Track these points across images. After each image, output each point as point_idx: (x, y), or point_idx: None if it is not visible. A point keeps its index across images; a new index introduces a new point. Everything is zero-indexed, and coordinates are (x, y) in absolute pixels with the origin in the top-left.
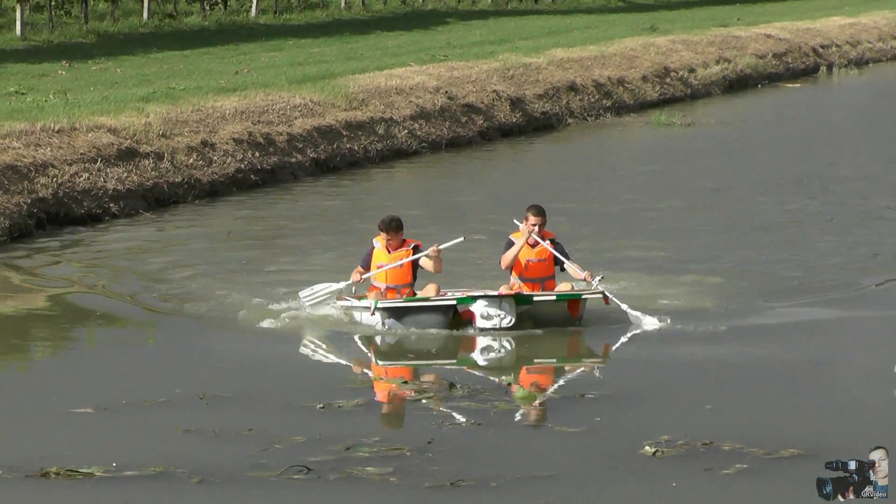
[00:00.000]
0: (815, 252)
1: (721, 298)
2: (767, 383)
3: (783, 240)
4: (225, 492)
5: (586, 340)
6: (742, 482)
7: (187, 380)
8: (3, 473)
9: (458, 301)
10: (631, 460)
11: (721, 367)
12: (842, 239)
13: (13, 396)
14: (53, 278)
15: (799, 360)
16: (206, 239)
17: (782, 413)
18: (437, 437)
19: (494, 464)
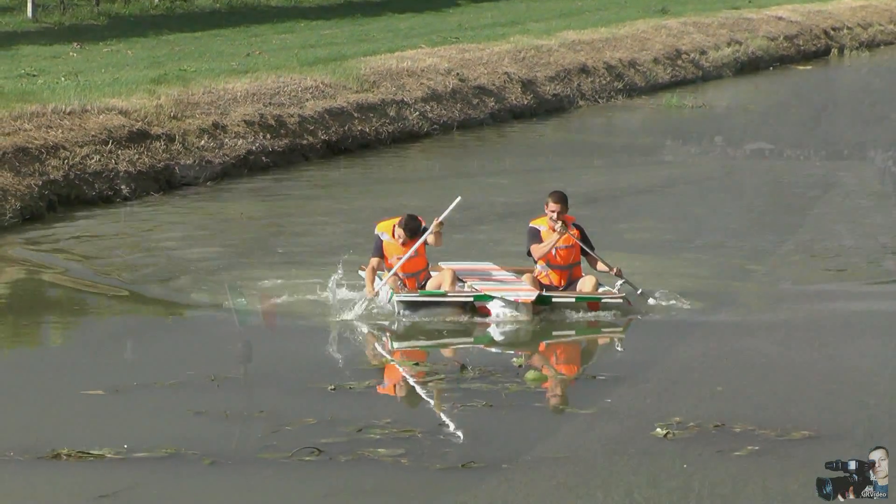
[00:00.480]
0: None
1: (730, 281)
2: (780, 366)
3: (796, 224)
4: (236, 473)
5: (598, 323)
6: (754, 464)
7: (199, 362)
8: (14, 455)
9: (475, 298)
10: (642, 442)
11: (733, 351)
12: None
13: (25, 378)
14: (64, 260)
15: (811, 344)
16: (218, 221)
17: (794, 395)
18: (448, 419)
19: (506, 445)
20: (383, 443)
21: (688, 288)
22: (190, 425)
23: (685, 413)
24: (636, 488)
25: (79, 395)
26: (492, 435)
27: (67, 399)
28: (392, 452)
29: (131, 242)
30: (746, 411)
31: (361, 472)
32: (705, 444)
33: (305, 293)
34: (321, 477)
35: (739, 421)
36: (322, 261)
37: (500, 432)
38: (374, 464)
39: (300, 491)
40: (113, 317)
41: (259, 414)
